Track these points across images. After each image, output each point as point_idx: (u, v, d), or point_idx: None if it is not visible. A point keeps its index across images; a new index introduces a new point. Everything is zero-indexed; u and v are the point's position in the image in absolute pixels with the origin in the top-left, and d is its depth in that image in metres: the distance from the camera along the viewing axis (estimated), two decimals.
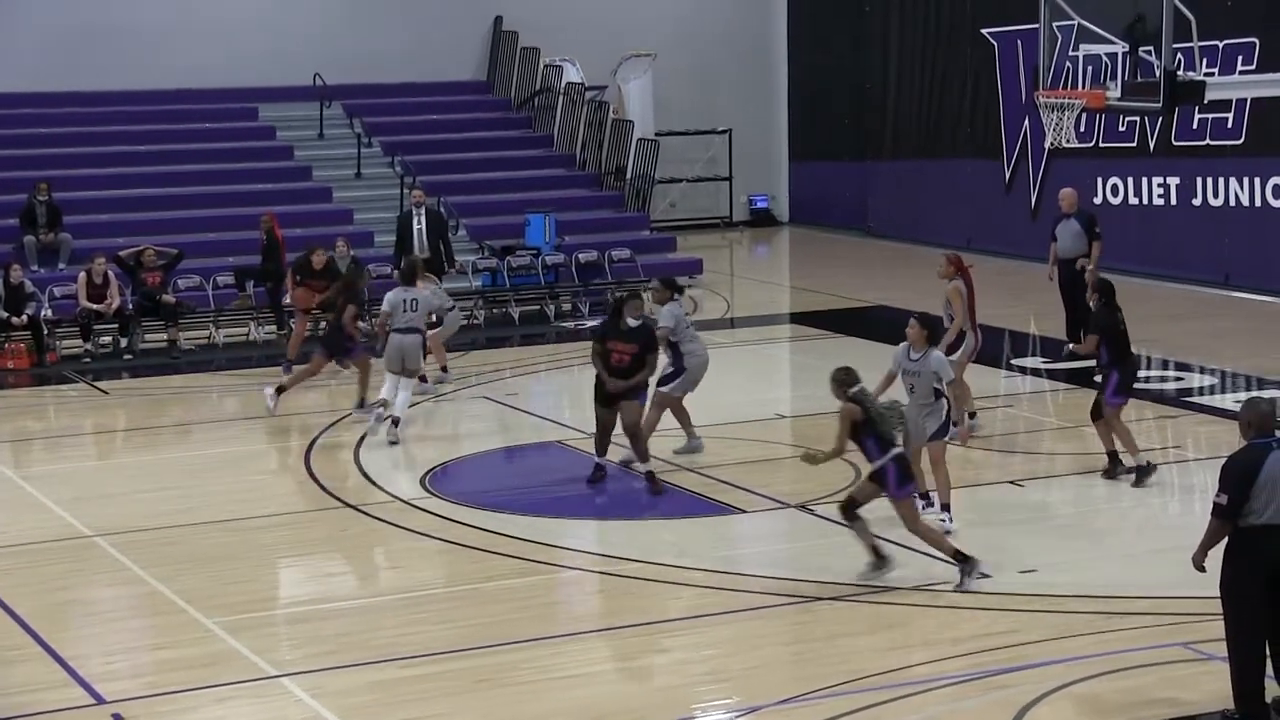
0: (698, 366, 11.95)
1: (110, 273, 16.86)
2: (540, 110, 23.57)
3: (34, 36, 21.94)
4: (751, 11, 26.00)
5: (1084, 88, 15.37)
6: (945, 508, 10.38)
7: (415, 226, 17.43)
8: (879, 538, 9.52)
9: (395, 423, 12.77)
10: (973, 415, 12.80)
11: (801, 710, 7.65)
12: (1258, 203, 18.83)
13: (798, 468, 12.14)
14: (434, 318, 14.35)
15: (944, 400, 10.27)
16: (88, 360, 16.57)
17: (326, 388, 14.86)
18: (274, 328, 17.54)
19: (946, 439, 10.33)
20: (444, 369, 14.97)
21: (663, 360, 11.85)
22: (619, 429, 11.45)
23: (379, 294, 14.35)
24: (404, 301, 13.00)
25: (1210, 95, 14.69)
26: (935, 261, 13.15)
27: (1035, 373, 15.37)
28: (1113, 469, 11.43)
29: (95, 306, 16.72)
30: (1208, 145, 19.25)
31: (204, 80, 22.26)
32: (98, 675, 8.28)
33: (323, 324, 15.71)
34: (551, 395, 14.70)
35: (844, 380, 9.41)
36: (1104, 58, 14.78)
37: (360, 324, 14.06)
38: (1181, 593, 8.61)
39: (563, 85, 23.11)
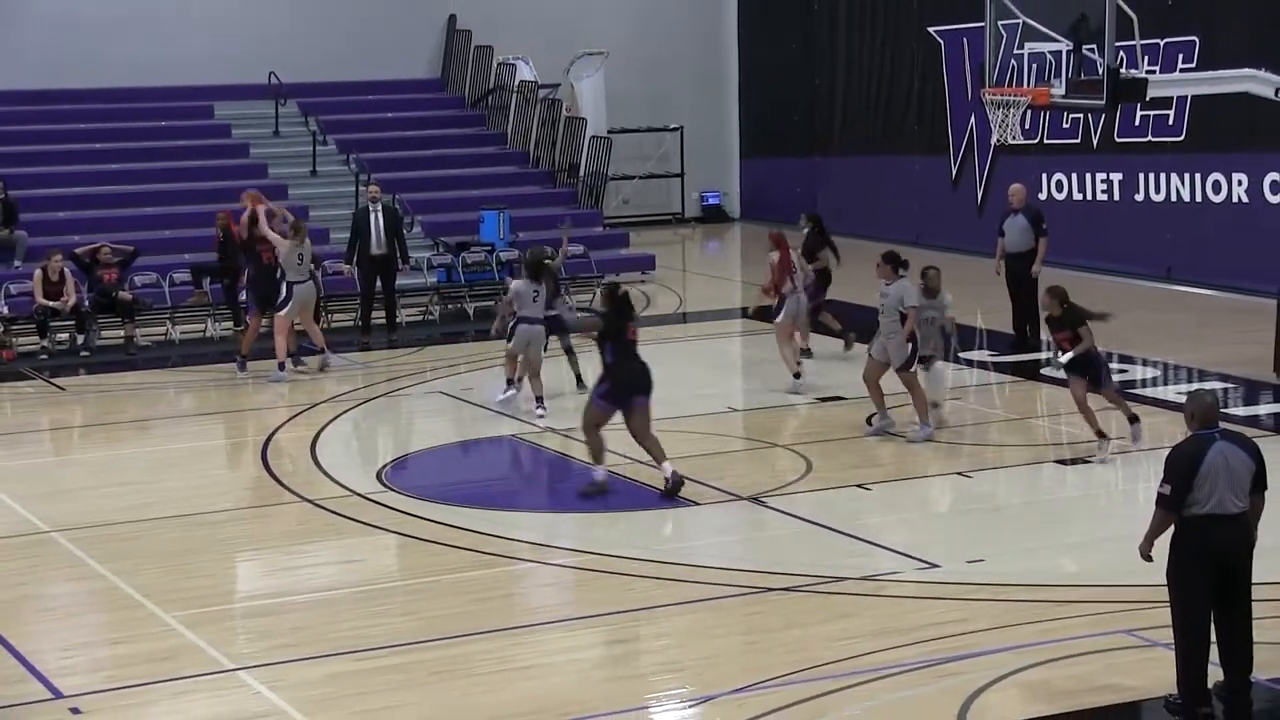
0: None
1: (66, 270, 16.80)
2: (494, 108, 23.63)
3: None
4: (702, 10, 26.14)
5: (1029, 85, 15.55)
6: (925, 423, 12.40)
7: (372, 222, 17.48)
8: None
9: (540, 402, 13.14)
10: (797, 376, 13.97)
11: (754, 699, 7.74)
12: (1198, 198, 19.13)
13: (750, 461, 12.33)
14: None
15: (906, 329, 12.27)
16: (44, 357, 16.51)
17: (290, 382, 14.90)
18: (230, 324, 17.54)
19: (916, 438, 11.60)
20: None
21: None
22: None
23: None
24: (532, 292, 13.30)
25: (1152, 93, 14.99)
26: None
27: (982, 365, 15.55)
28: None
29: (52, 304, 16.65)
30: (1149, 142, 19.52)
31: (160, 78, 22.19)
32: (55, 670, 8.28)
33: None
34: (505, 389, 14.75)
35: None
36: (1048, 56, 14.99)
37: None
38: (1126, 581, 8.70)
39: (516, 83, 23.19)
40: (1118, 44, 13.74)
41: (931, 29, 22.55)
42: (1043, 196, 20.15)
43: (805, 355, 14.85)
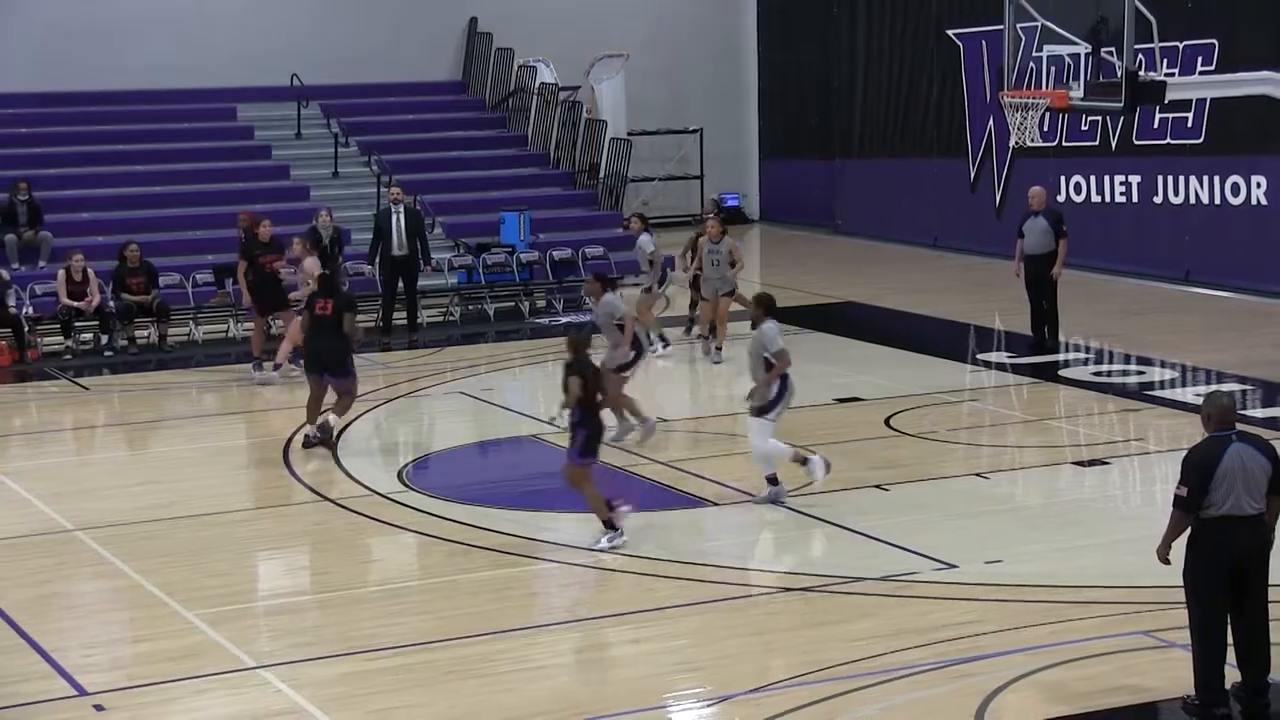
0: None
1: (89, 270, 16.96)
2: (514, 110, 23.71)
3: (14, 37, 21.97)
4: (722, 13, 26.19)
5: (1047, 88, 15.55)
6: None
7: (394, 224, 17.63)
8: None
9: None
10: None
11: (770, 699, 7.76)
12: (1217, 200, 19.09)
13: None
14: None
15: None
16: (69, 357, 16.65)
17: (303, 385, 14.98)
18: (253, 325, 17.64)
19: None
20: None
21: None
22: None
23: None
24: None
25: (1170, 95, 14.98)
26: (904, 258, 13.35)
27: (1000, 367, 15.56)
28: None
29: (76, 304, 16.80)
30: (1168, 144, 19.48)
31: (183, 80, 22.33)
32: (79, 667, 8.35)
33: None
34: (526, 390, 14.85)
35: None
36: (1067, 58, 14.98)
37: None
38: (1143, 582, 8.74)
39: (536, 86, 23.27)
40: (1137, 46, 13.73)
41: (950, 32, 22.55)
42: (1061, 199, 20.13)
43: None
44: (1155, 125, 19.52)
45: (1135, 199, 20.09)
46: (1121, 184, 20.23)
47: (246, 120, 22.35)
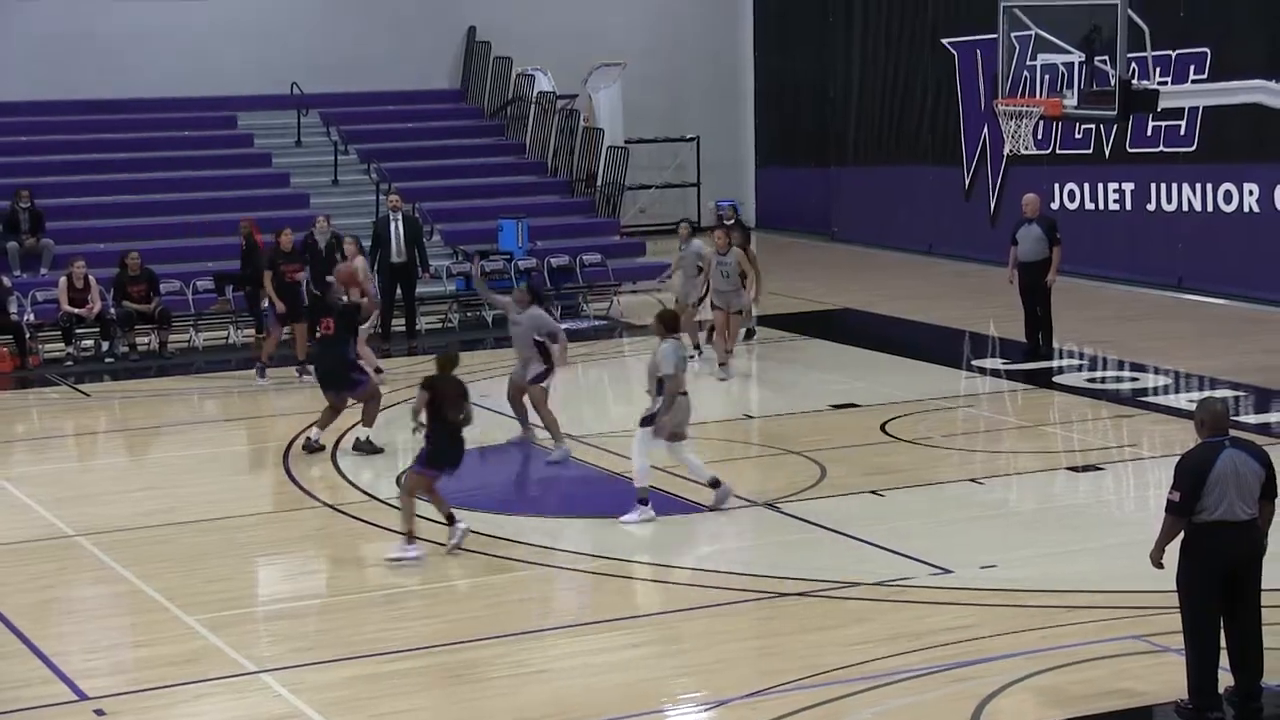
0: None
1: (91, 277, 17.03)
2: (512, 118, 23.80)
3: (16, 46, 22.04)
4: (718, 22, 26.28)
5: (1041, 96, 15.66)
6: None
7: (393, 231, 17.72)
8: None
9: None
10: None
11: (768, 703, 7.80)
12: (1209, 208, 19.17)
13: (764, 467, 12.44)
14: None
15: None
16: (70, 364, 16.71)
17: (304, 389, 15.05)
18: (253, 331, 17.74)
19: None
20: None
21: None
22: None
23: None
24: (686, 359, 11.29)
25: (1163, 104, 15.12)
26: (899, 265, 13.43)
27: (995, 373, 15.61)
28: None
29: (77, 311, 16.87)
30: (1161, 152, 19.57)
31: (183, 89, 22.42)
32: (79, 672, 8.39)
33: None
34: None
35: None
36: (1061, 67, 15.07)
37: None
38: (1136, 586, 8.79)
39: (534, 94, 23.36)
40: (1130, 55, 13.86)
41: (945, 40, 22.65)
42: (1055, 206, 20.21)
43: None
44: (1148, 133, 19.60)
45: (1128, 206, 20.18)
46: (1115, 191, 20.33)
47: (247, 128, 22.43)
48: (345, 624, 9.16)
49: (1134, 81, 14.00)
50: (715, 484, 11.01)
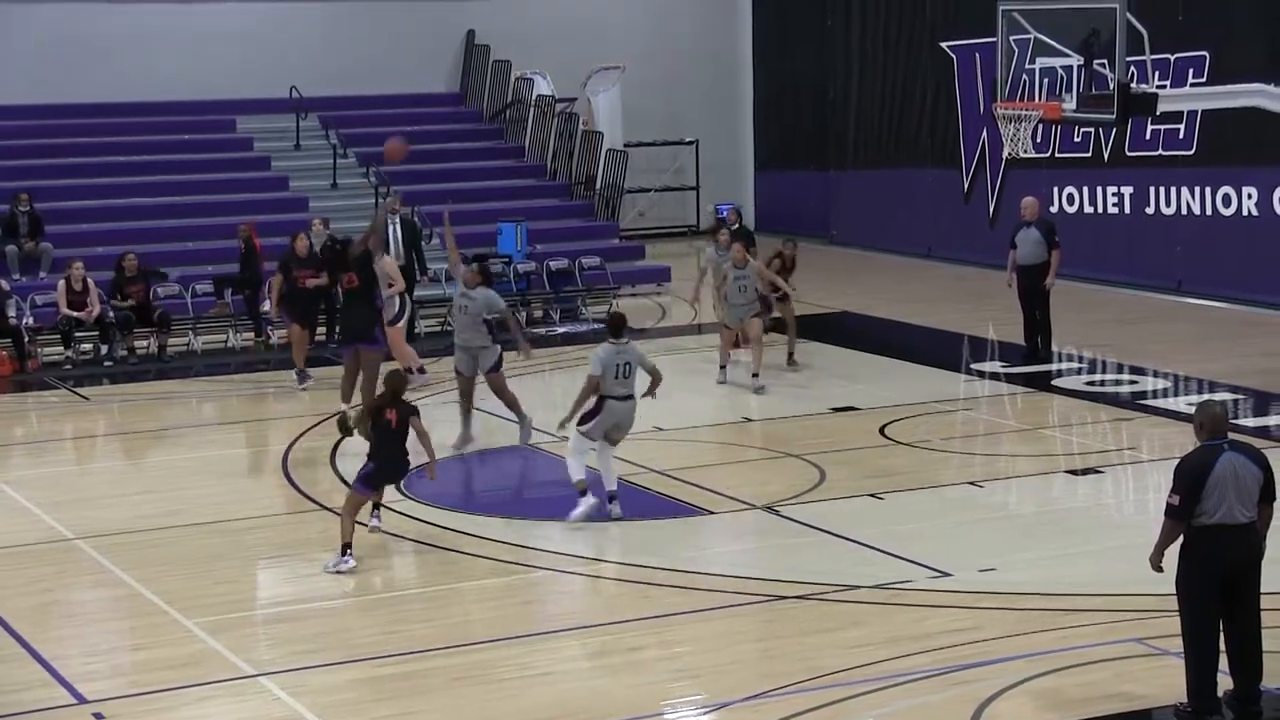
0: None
1: (90, 280, 17.03)
2: (512, 122, 23.82)
3: (15, 50, 22.04)
4: (717, 25, 26.30)
5: (1040, 100, 15.70)
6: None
7: (392, 235, 17.73)
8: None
9: (611, 498, 10.98)
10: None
11: (769, 706, 7.83)
12: (1208, 211, 19.19)
13: (764, 470, 12.45)
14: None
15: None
16: (69, 367, 16.71)
17: (305, 394, 15.07)
18: (252, 335, 17.75)
19: None
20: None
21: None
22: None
23: None
24: (617, 366, 10.96)
25: (1162, 107, 15.17)
26: (898, 269, 13.44)
27: (994, 376, 15.62)
28: None
29: (76, 314, 16.84)
30: (1160, 156, 19.58)
31: (183, 92, 22.45)
32: (79, 675, 8.40)
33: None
34: (523, 399, 14.90)
35: None
36: (1060, 70, 15.11)
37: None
38: (1136, 589, 8.80)
39: (533, 97, 23.38)
40: (1128, 59, 13.90)
41: (944, 44, 22.67)
42: (1054, 210, 20.23)
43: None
44: (1147, 137, 19.62)
45: (1127, 210, 20.20)
46: (1114, 195, 20.35)
47: (246, 132, 22.45)
48: (346, 627, 9.19)
49: (1133, 85, 14.05)
50: (583, 492, 10.79)
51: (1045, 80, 16.60)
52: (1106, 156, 20.27)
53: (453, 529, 10.93)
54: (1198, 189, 19.25)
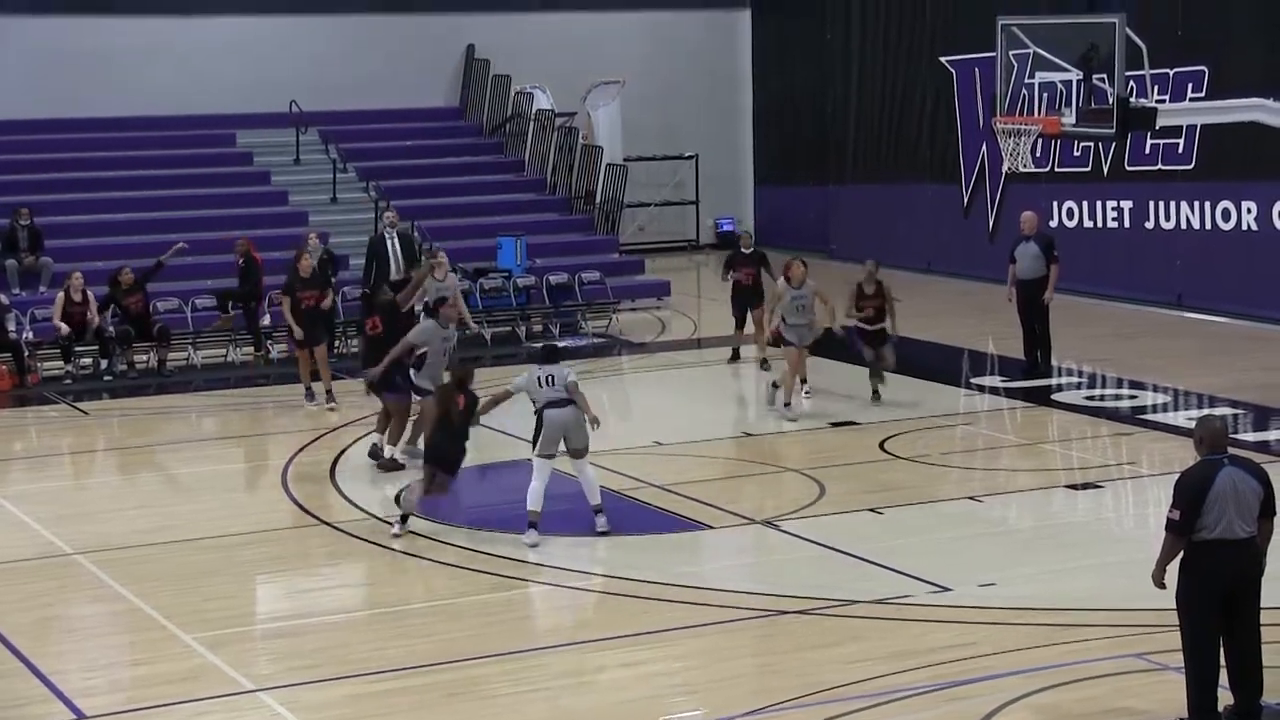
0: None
1: (88, 291, 17.04)
2: (511, 136, 23.86)
3: (15, 64, 22.11)
4: (717, 40, 26.37)
5: (1040, 114, 15.75)
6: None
7: (390, 249, 17.75)
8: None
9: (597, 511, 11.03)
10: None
11: None
12: (1208, 225, 19.22)
13: (763, 485, 12.45)
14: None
15: None
16: (68, 381, 16.72)
17: (314, 408, 15.08)
18: (251, 349, 17.75)
19: None
20: None
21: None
22: None
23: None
24: (539, 378, 11.15)
25: (1161, 121, 15.22)
26: (898, 283, 13.49)
27: (994, 391, 15.62)
28: None
29: (67, 329, 16.80)
30: (1159, 170, 19.61)
31: (183, 107, 22.51)
32: (77, 690, 8.40)
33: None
34: (523, 414, 14.90)
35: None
36: (1059, 85, 15.16)
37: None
38: (1136, 604, 8.80)
39: (533, 112, 23.42)
40: (1128, 73, 13.94)
41: (944, 58, 22.72)
42: (1054, 224, 20.26)
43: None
44: (1146, 151, 19.66)
45: (1127, 224, 20.23)
46: (1113, 209, 20.37)
47: (246, 146, 22.50)
48: (344, 642, 9.18)
49: (1132, 99, 14.09)
50: (533, 524, 10.75)
51: (1045, 95, 16.65)
52: (1106, 171, 20.30)
53: (452, 543, 10.92)
54: (1197, 203, 19.27)
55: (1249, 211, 18.71)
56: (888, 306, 14.55)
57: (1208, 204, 19.13)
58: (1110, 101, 13.88)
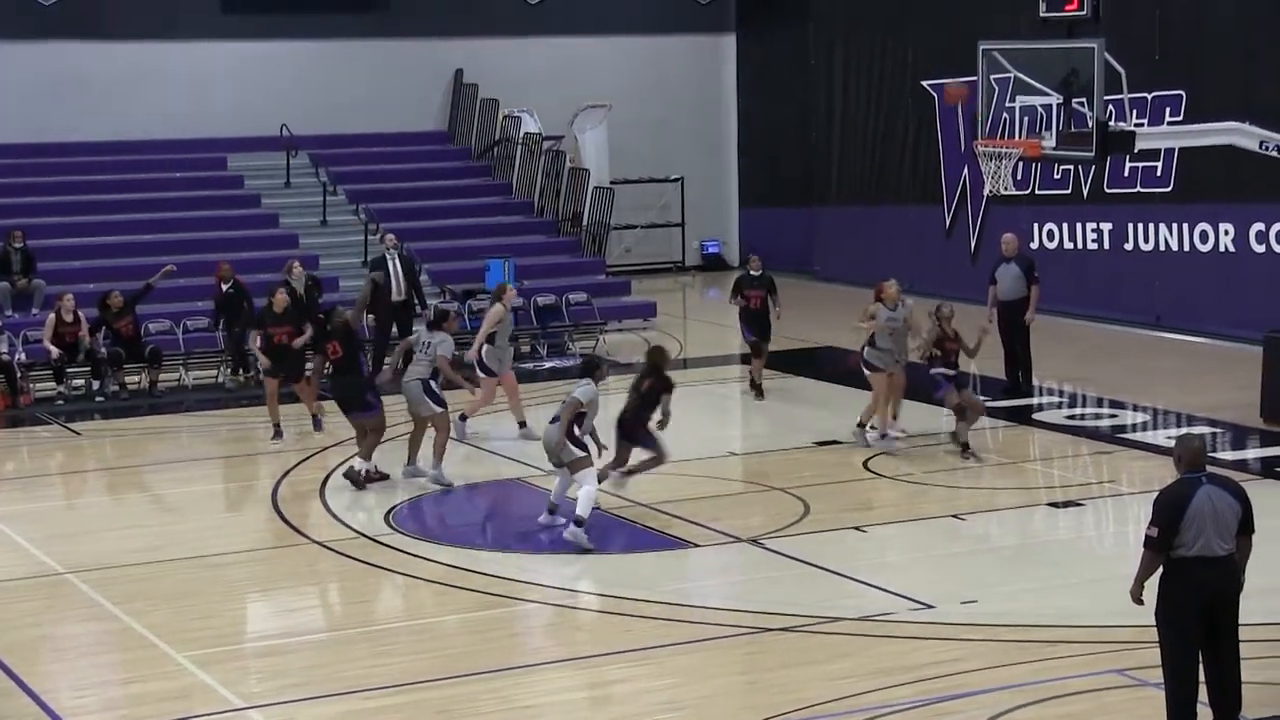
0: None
1: (79, 312, 17.09)
2: (499, 159, 23.99)
3: (7, 88, 22.18)
4: (703, 64, 26.55)
5: (1020, 137, 15.89)
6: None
7: (391, 269, 17.88)
8: None
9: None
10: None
11: None
12: (1186, 247, 19.39)
13: (748, 503, 12.55)
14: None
15: None
16: (60, 402, 16.76)
17: (296, 426, 15.14)
18: (239, 372, 17.80)
19: None
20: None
21: None
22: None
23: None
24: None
25: (1140, 145, 15.35)
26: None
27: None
28: None
29: (58, 352, 16.84)
30: (1138, 193, 19.79)
31: (174, 131, 22.60)
32: (69, 709, 8.43)
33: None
34: (511, 434, 14.99)
35: None
36: (1039, 109, 15.28)
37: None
38: (1117, 621, 8.88)
39: (521, 135, 23.56)
40: (1107, 98, 14.06)
41: (925, 83, 22.92)
42: (1034, 246, 20.41)
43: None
44: (1125, 174, 19.85)
45: (1106, 246, 20.41)
46: (1093, 231, 20.56)
47: (236, 170, 22.60)
48: (334, 660, 9.22)
49: (1111, 123, 14.21)
50: (554, 509, 11.56)
51: (1025, 118, 16.83)
52: (1086, 193, 20.48)
53: (441, 562, 10.99)
54: (1175, 225, 19.46)
55: (1226, 233, 18.90)
56: (963, 349, 13.75)
57: (1186, 226, 19.32)
58: (1090, 125, 14.01)
